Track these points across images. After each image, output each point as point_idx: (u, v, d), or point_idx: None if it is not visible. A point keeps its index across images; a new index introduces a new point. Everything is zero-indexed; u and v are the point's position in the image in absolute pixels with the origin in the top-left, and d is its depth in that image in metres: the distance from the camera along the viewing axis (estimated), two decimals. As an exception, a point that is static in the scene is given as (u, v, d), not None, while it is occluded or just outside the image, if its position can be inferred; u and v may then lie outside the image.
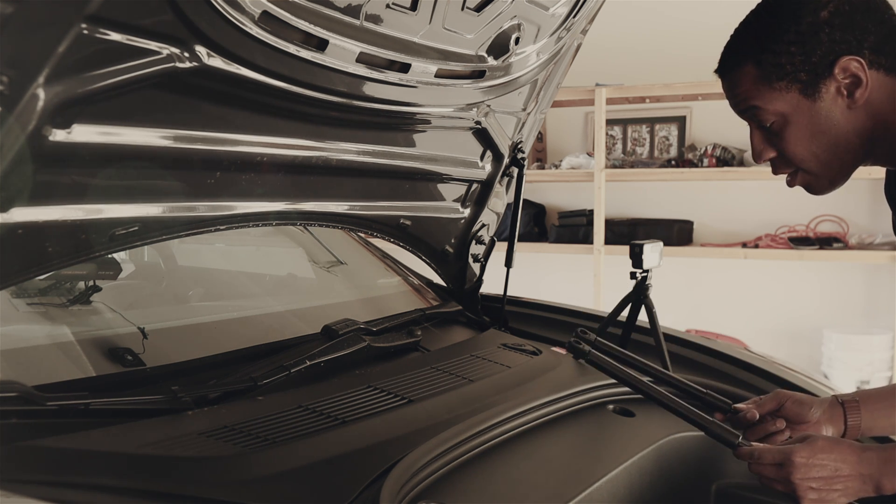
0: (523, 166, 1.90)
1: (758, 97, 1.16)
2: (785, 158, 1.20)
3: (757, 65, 1.15)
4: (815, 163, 1.18)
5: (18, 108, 0.89)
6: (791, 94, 1.14)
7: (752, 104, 1.17)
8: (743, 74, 1.17)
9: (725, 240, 4.19)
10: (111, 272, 1.58)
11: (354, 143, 1.47)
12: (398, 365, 1.55)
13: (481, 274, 2.04)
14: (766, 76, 1.15)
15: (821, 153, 1.17)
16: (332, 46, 1.20)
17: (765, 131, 1.19)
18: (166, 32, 1.01)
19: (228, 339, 1.48)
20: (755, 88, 1.16)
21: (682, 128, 4.43)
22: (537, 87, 1.76)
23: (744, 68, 1.17)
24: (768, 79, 1.15)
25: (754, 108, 1.17)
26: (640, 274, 1.72)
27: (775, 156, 1.20)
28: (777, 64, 1.13)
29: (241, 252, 2.14)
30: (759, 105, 1.16)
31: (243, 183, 1.33)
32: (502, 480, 1.14)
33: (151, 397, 1.18)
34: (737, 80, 1.18)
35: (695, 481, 1.35)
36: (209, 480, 1.01)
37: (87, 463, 1.00)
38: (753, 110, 1.18)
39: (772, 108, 1.16)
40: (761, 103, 1.16)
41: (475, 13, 1.40)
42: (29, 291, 1.41)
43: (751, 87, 1.16)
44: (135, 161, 1.14)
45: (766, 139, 1.20)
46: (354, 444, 1.16)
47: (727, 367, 1.69)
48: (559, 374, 1.61)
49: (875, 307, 3.94)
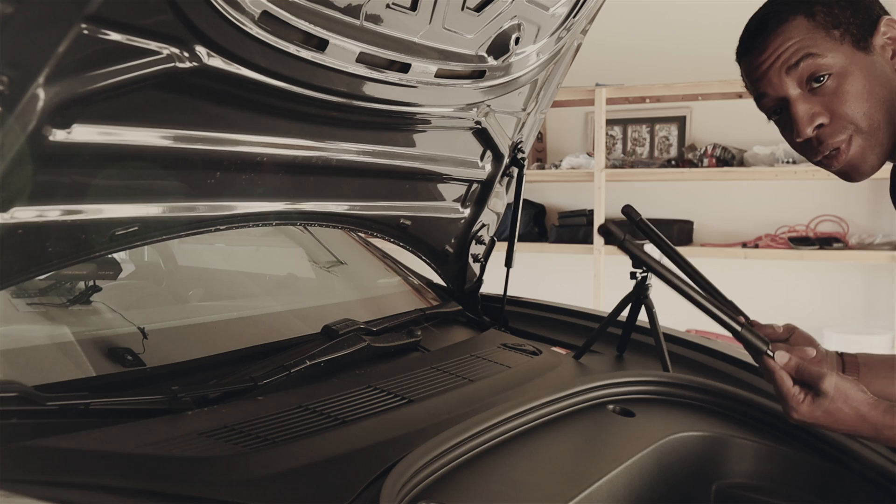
0: (523, 166, 1.90)
1: (814, 45, 1.12)
2: (841, 119, 1.13)
3: (810, 16, 1.12)
4: (869, 122, 1.13)
5: (18, 108, 0.89)
6: (846, 45, 1.11)
7: (809, 52, 1.12)
8: (794, 28, 1.13)
9: (725, 240, 4.19)
10: (111, 272, 1.58)
11: (354, 143, 1.47)
12: (398, 365, 1.55)
13: (481, 274, 2.04)
14: (821, 25, 1.12)
15: (875, 112, 1.12)
16: (332, 46, 1.20)
17: (813, 95, 1.14)
18: (166, 32, 1.01)
19: (228, 339, 1.48)
20: (811, 37, 1.12)
21: (682, 128, 4.43)
22: (537, 87, 1.76)
23: (794, 22, 1.13)
24: (824, 27, 1.11)
25: (811, 55, 1.12)
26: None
27: (827, 121, 1.14)
28: (831, 13, 1.11)
29: (241, 252, 2.14)
30: (818, 53, 1.12)
31: (243, 183, 1.33)
32: (502, 480, 1.14)
33: (151, 397, 1.18)
34: (787, 35, 1.13)
35: (695, 481, 1.35)
36: (209, 480, 1.01)
37: (87, 463, 1.00)
38: (810, 59, 1.12)
39: (830, 56, 1.11)
40: (819, 50, 1.12)
41: (475, 13, 1.40)
42: (29, 291, 1.41)
43: (806, 37, 1.12)
44: (135, 161, 1.14)
45: (816, 103, 1.14)
46: (354, 444, 1.16)
47: (727, 367, 1.69)
48: (559, 374, 1.61)
49: (875, 307, 3.95)
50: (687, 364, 1.71)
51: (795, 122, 1.16)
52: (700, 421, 1.42)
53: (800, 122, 1.15)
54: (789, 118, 1.17)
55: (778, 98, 1.17)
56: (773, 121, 1.23)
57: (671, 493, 1.32)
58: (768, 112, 1.22)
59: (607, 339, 1.80)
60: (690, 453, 1.36)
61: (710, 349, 1.76)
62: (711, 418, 1.44)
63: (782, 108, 1.18)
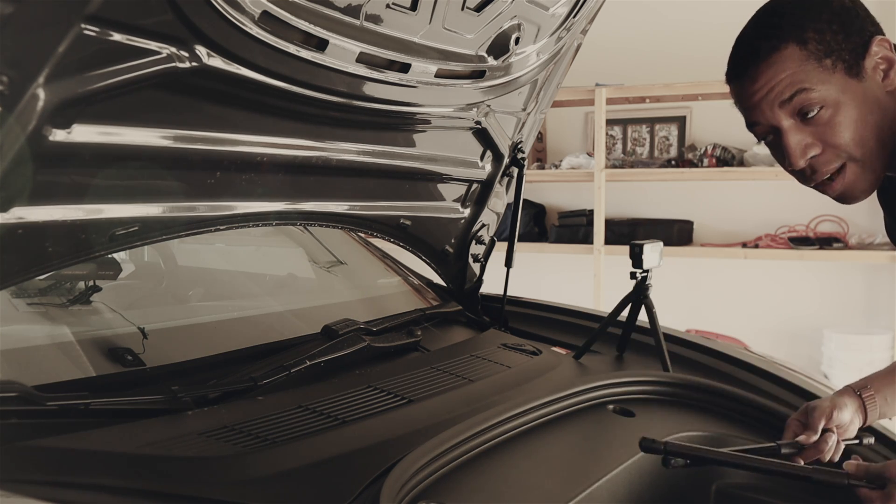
0: (523, 166, 1.90)
1: (806, 79, 1.09)
2: (834, 149, 1.12)
3: (802, 45, 1.09)
4: (863, 150, 1.11)
5: (18, 108, 0.89)
6: (838, 74, 1.09)
7: (802, 87, 1.10)
8: (786, 58, 1.10)
9: (725, 240, 4.19)
10: (111, 272, 1.57)
11: (354, 143, 1.47)
12: (398, 365, 1.55)
13: (481, 274, 2.04)
14: (812, 55, 1.09)
15: (868, 139, 1.11)
16: (332, 46, 1.20)
17: (806, 125, 1.12)
18: (166, 32, 1.01)
19: (228, 339, 1.48)
20: (802, 70, 1.10)
21: (682, 128, 4.43)
22: (537, 87, 1.76)
23: (785, 51, 1.10)
24: (816, 57, 1.09)
25: (804, 90, 1.10)
26: (640, 274, 1.71)
27: (820, 151, 1.13)
28: (822, 41, 1.09)
29: (241, 252, 2.14)
30: (809, 87, 1.10)
31: (243, 183, 1.33)
32: (502, 480, 1.14)
33: (151, 397, 1.18)
34: (779, 67, 1.11)
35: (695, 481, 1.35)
36: (209, 480, 1.01)
37: (87, 463, 1.00)
38: (802, 94, 1.10)
39: (822, 89, 1.09)
40: (811, 84, 1.09)
41: (475, 13, 1.39)
42: (29, 291, 1.41)
43: (797, 70, 1.10)
44: (135, 161, 1.14)
45: (808, 134, 1.12)
46: (354, 444, 1.16)
47: (727, 367, 1.69)
48: (559, 374, 1.61)
49: (875, 307, 3.95)
50: (687, 364, 1.71)
51: (788, 154, 1.14)
52: (700, 421, 1.43)
53: (792, 154, 1.14)
54: (781, 145, 1.16)
55: (770, 126, 1.16)
56: (765, 143, 1.22)
57: (671, 493, 1.32)
58: (759, 137, 1.20)
59: (607, 339, 1.80)
60: (690, 453, 1.35)
61: (710, 349, 1.75)
62: (711, 418, 1.44)
63: (774, 134, 1.17)
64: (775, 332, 4.08)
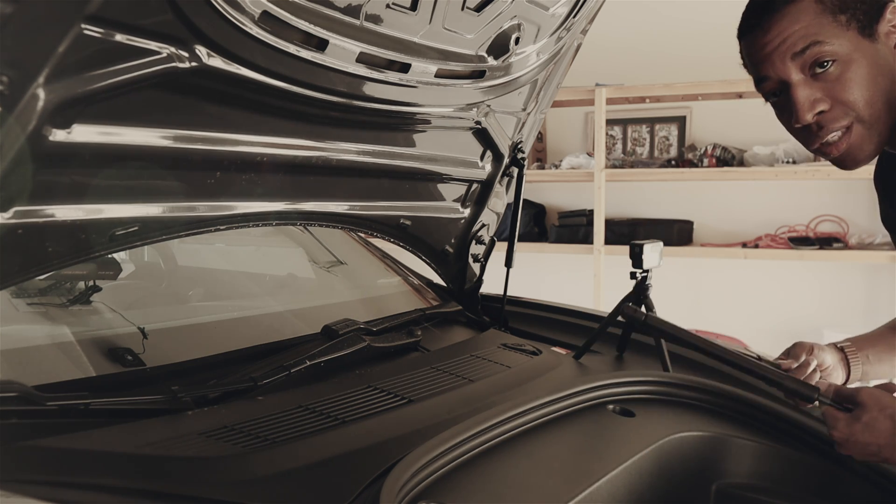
0: (523, 166, 1.90)
1: (820, 31, 1.10)
2: (842, 106, 1.12)
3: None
4: (871, 111, 1.12)
5: (18, 108, 0.89)
6: (851, 31, 1.10)
7: (815, 39, 1.10)
8: (801, 11, 1.11)
9: (725, 240, 4.19)
10: (111, 272, 1.57)
11: (354, 143, 1.47)
12: (398, 365, 1.55)
13: (481, 274, 2.04)
14: (828, 9, 1.10)
15: (877, 100, 1.11)
16: (332, 46, 1.20)
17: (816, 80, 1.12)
18: (166, 32, 1.01)
19: (228, 339, 1.48)
20: (817, 22, 1.10)
21: (682, 128, 4.43)
22: (537, 87, 1.76)
23: (801, 3, 1.11)
24: (832, 11, 1.10)
25: (817, 43, 1.10)
26: (640, 274, 1.71)
27: (828, 108, 1.13)
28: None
29: (241, 252, 2.14)
30: (823, 40, 1.10)
31: (243, 183, 1.33)
32: (502, 480, 1.14)
33: (151, 397, 1.18)
34: (793, 18, 1.11)
35: (695, 481, 1.35)
36: (209, 480, 1.01)
37: (87, 463, 1.00)
38: (815, 47, 1.10)
39: (836, 43, 1.10)
40: (825, 38, 1.10)
41: (475, 13, 1.40)
42: (29, 291, 1.41)
43: (811, 23, 1.10)
44: (135, 161, 1.14)
45: (818, 90, 1.12)
46: (354, 444, 1.16)
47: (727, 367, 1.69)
48: (559, 374, 1.61)
49: (875, 307, 3.95)
50: (687, 364, 1.71)
51: (796, 108, 1.14)
52: (700, 421, 1.42)
53: (800, 108, 1.14)
54: (789, 102, 1.16)
55: (779, 81, 1.16)
56: (771, 103, 1.22)
57: (671, 493, 1.32)
58: (766, 94, 1.20)
59: (607, 339, 1.80)
60: (690, 453, 1.36)
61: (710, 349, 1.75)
62: (711, 418, 1.44)
63: (782, 90, 1.17)
64: (775, 332, 4.08)
